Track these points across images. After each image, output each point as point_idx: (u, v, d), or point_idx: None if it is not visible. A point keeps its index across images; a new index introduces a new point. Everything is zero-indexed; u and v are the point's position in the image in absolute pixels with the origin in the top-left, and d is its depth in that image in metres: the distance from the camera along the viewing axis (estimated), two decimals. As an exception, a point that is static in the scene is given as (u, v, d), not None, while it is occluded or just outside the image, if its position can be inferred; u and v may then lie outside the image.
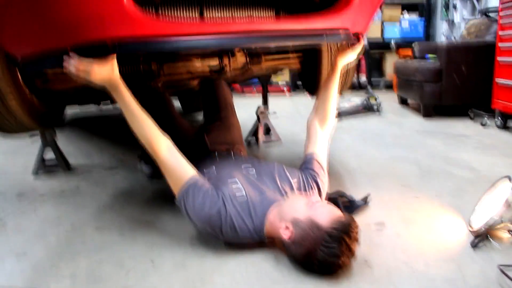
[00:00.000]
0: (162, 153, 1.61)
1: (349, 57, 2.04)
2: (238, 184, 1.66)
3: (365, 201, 2.05)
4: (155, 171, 2.39)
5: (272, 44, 2.20)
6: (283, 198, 1.67)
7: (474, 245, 1.64)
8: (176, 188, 1.62)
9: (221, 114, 2.41)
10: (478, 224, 1.74)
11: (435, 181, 2.41)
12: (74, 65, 1.45)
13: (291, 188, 1.76)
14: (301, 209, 1.50)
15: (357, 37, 1.95)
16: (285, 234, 1.48)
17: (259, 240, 1.59)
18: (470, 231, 1.76)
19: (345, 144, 3.35)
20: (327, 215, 1.44)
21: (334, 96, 2.04)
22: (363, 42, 2.01)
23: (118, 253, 1.64)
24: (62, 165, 2.76)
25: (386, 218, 1.90)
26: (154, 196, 2.25)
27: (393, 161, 2.85)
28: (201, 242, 1.69)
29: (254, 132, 3.49)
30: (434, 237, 1.73)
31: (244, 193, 1.62)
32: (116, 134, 4.04)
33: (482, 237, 1.68)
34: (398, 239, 1.71)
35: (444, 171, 2.59)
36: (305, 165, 1.90)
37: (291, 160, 2.90)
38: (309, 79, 2.81)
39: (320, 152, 1.94)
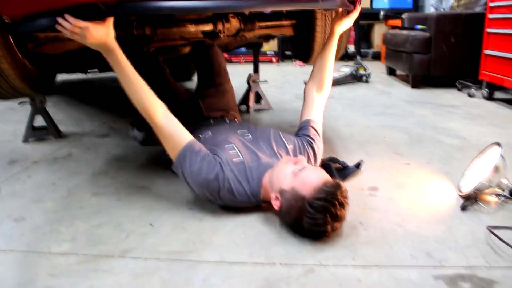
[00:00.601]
0: (158, 119, 1.61)
1: (346, 24, 2.04)
2: (235, 149, 1.69)
3: (358, 166, 2.10)
4: (148, 138, 2.41)
5: (268, 9, 2.19)
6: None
7: (464, 208, 1.70)
8: (173, 154, 1.64)
9: (216, 80, 2.41)
10: (467, 188, 1.79)
11: (425, 149, 2.46)
12: (69, 27, 1.41)
13: (287, 153, 1.80)
14: (287, 179, 1.50)
15: (353, 2, 1.96)
16: (275, 205, 1.53)
17: (256, 204, 1.63)
18: (459, 195, 1.82)
19: (337, 112, 3.38)
20: (310, 184, 1.44)
21: (331, 63, 2.05)
22: (360, 8, 2.01)
23: (116, 217, 1.66)
24: (53, 132, 2.75)
25: (379, 184, 1.95)
26: (148, 163, 2.27)
27: (383, 129, 2.90)
28: (198, 205, 1.73)
29: (245, 100, 3.50)
30: (425, 201, 1.79)
31: (241, 158, 1.66)
32: (106, 101, 4.01)
33: (471, 201, 1.74)
34: (391, 203, 1.77)
35: (433, 139, 2.65)
36: (301, 131, 1.94)
37: (283, 128, 2.93)
38: (302, 47, 2.82)
39: (316, 119, 1.97)
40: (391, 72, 5.59)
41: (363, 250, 1.42)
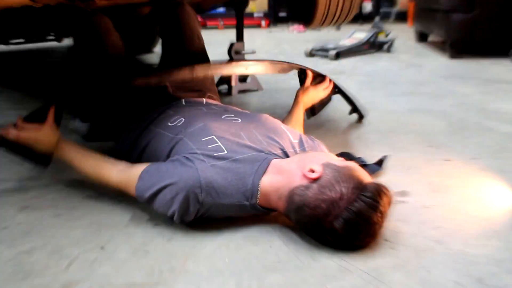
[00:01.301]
0: (114, 178, 1.81)
1: (312, 95, 2.46)
2: (217, 142, 1.71)
3: (380, 164, 2.11)
4: (94, 131, 2.40)
5: None
6: (288, 154, 1.77)
7: (525, 218, 1.71)
8: (132, 188, 1.73)
9: (187, 50, 2.41)
10: (529, 191, 1.81)
11: (470, 140, 2.48)
12: (15, 134, 1.85)
13: (293, 148, 1.83)
14: (337, 160, 1.60)
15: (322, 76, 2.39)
16: (310, 175, 1.54)
17: (249, 209, 1.64)
18: (518, 200, 1.83)
19: (351, 92, 3.39)
20: (366, 175, 1.56)
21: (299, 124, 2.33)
22: (331, 85, 2.49)
23: (54, 239, 1.65)
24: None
25: (410, 187, 1.96)
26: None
27: (413, 114, 2.91)
28: (166, 220, 1.72)
29: (226, 78, 3.49)
30: (472, 209, 1.80)
31: (225, 151, 1.68)
32: (38, 82, 3.97)
33: (535, 208, 1.75)
34: (426, 213, 1.78)
35: (481, 127, 2.67)
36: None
37: (277, 114, 2.91)
38: (301, 4, 2.82)
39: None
40: (421, 37, 5.63)
41: (391, 276, 1.42)
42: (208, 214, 1.65)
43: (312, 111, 2.52)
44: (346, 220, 1.45)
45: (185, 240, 1.62)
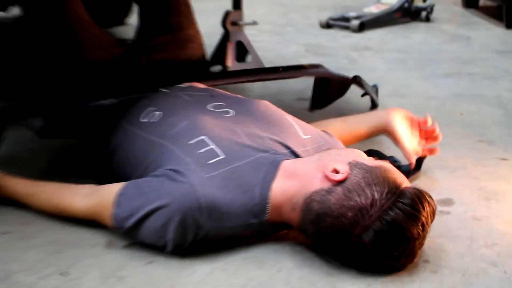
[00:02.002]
0: (80, 205, 1.78)
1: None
2: (210, 146, 1.69)
3: (418, 165, 2.11)
4: (49, 127, 2.40)
5: None
6: (297, 154, 1.75)
7: None
8: (106, 217, 1.69)
9: (171, 20, 2.40)
10: None
11: (534, 132, 2.49)
12: None
13: (303, 145, 1.82)
14: (366, 160, 1.61)
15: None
16: (333, 176, 1.54)
17: (257, 227, 1.63)
18: None
19: (377, 73, 3.40)
20: (405, 178, 1.57)
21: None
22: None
23: (2, 264, 1.64)
24: None
25: (456, 194, 1.97)
26: (53, 167, 2.27)
27: (458, 101, 2.91)
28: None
29: (220, 56, 3.50)
30: (537, 222, 1.80)
31: (221, 155, 1.66)
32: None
33: None
34: (477, 226, 1.78)
35: (548, 115, 2.67)
36: None
37: (284, 102, 2.93)
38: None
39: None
40: (470, 1, 5.62)
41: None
42: (206, 238, 1.63)
43: (320, 102, 2.52)
44: (378, 232, 1.45)
45: (169, 263, 1.61)
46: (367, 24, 5.01)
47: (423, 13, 5.14)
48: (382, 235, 1.44)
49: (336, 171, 1.54)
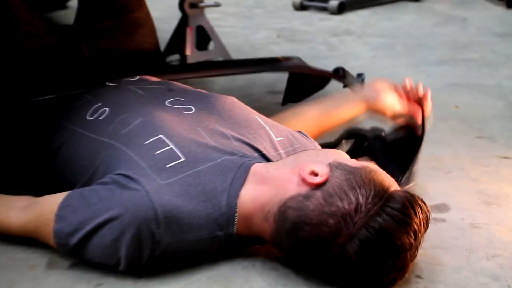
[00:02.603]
0: (17, 220, 1.73)
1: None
2: (169, 145, 1.68)
3: (423, 130, 2.16)
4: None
5: None
6: (268, 159, 1.74)
7: None
8: (47, 234, 1.65)
9: (117, 2, 2.39)
10: None
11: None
12: None
13: (275, 149, 1.82)
14: (349, 160, 1.60)
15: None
16: (312, 179, 1.52)
17: (224, 242, 1.62)
18: None
19: (360, 62, 3.41)
20: (393, 181, 1.57)
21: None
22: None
23: None
24: None
25: (452, 198, 1.98)
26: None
27: (455, 92, 2.93)
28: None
29: (177, 44, 3.49)
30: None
31: (182, 157, 1.65)
32: None
33: None
34: (476, 235, 1.79)
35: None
36: None
37: (254, 96, 2.94)
38: None
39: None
40: (465, -22, 5.67)
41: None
42: (165, 254, 1.62)
43: (295, 97, 2.53)
44: (363, 242, 1.43)
45: (122, 284, 1.60)
46: (347, 4, 5.03)
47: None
48: (368, 244, 1.43)
49: (315, 173, 1.53)
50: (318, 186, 1.50)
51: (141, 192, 1.55)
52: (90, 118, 1.86)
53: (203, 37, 3.53)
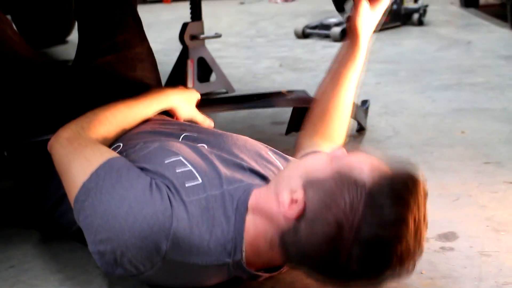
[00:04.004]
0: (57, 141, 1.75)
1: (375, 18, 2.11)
2: (188, 167, 1.69)
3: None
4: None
5: None
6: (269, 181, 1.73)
7: None
8: (79, 177, 1.63)
9: (118, 37, 2.41)
10: None
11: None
12: None
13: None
14: (318, 167, 1.56)
15: None
16: (291, 212, 1.51)
17: (232, 270, 1.61)
18: None
19: (364, 89, 3.40)
20: (367, 164, 1.50)
21: (348, 101, 2.14)
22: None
23: None
24: None
25: (460, 226, 1.98)
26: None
27: (461, 117, 2.93)
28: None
29: (178, 76, 3.50)
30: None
31: (200, 180, 1.66)
32: None
33: None
34: (486, 263, 1.79)
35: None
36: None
37: (258, 128, 2.94)
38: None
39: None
40: (469, 0, 5.68)
41: None
42: (168, 271, 1.61)
43: (298, 126, 2.53)
44: (360, 258, 1.43)
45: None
46: (350, 31, 5.03)
47: (415, 16, 5.20)
48: (366, 259, 1.43)
49: (294, 201, 1.51)
50: (300, 217, 1.49)
51: (166, 203, 1.56)
52: None
53: (205, 69, 3.55)
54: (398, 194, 1.40)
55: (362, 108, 2.75)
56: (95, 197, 1.57)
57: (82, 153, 1.67)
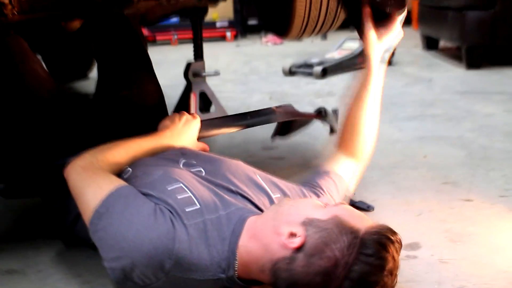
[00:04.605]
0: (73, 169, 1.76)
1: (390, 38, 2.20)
2: (187, 191, 1.69)
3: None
4: (11, 187, 2.39)
5: None
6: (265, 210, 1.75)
7: None
8: (89, 210, 1.65)
9: (131, 75, 2.42)
10: None
11: (497, 173, 2.52)
12: None
13: (271, 202, 1.82)
14: (317, 210, 1.58)
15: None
16: (291, 243, 1.52)
17: (226, 283, 1.62)
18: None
19: (341, 119, 3.42)
20: (361, 218, 1.55)
21: (372, 118, 2.17)
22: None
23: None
24: None
25: (422, 237, 1.98)
26: (18, 229, 2.26)
27: (423, 143, 2.95)
28: None
29: (182, 108, 3.50)
30: (502, 261, 1.82)
31: (198, 205, 1.66)
32: None
33: None
34: (444, 269, 1.79)
35: (509, 155, 2.72)
36: (305, 179, 2.02)
37: (252, 154, 2.95)
38: (274, 9, 2.86)
39: (341, 175, 2.06)
40: (430, 44, 5.72)
41: None
42: (171, 284, 1.61)
43: (283, 133, 2.53)
44: (360, 271, 1.44)
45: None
46: (329, 70, 5.06)
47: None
48: (373, 264, 1.44)
49: (293, 235, 1.53)
50: (299, 249, 1.50)
51: (168, 219, 1.58)
52: None
53: (205, 101, 3.55)
54: (383, 244, 1.45)
55: (334, 114, 2.76)
56: (107, 221, 1.59)
57: (95, 181, 1.69)
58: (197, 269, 1.58)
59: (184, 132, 2.05)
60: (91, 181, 1.70)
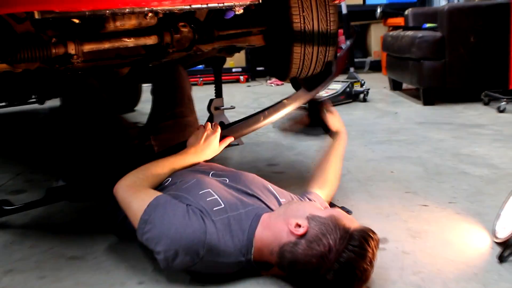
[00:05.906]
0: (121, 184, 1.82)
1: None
2: (214, 195, 1.74)
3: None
4: (76, 192, 2.39)
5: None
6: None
7: (502, 259, 1.73)
8: (137, 216, 1.69)
9: (177, 110, 2.50)
10: (505, 232, 1.83)
11: (447, 184, 2.52)
12: None
13: (280, 205, 1.86)
14: (318, 210, 1.65)
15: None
16: (297, 231, 1.58)
17: (245, 265, 1.65)
18: (495, 242, 1.85)
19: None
20: (353, 220, 1.62)
21: (338, 165, 2.25)
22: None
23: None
24: None
25: (388, 233, 1.99)
26: (80, 225, 2.26)
27: (390, 161, 2.95)
28: (153, 278, 1.73)
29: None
30: (451, 253, 1.82)
31: (223, 205, 1.71)
32: (20, 145, 3.97)
33: (511, 249, 1.77)
34: (406, 258, 1.80)
35: (456, 171, 2.71)
36: (299, 195, 2.06)
37: (258, 167, 2.95)
38: (276, 59, 2.87)
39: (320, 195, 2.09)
40: (395, 86, 5.72)
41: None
42: (204, 271, 1.68)
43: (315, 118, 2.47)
44: (337, 272, 1.49)
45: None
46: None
47: (361, 96, 5.20)
48: (341, 273, 1.49)
49: (299, 225, 1.57)
50: (302, 236, 1.55)
51: (199, 216, 1.63)
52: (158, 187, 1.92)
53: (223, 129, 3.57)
54: (366, 239, 1.52)
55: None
56: (151, 225, 1.64)
57: (138, 197, 1.75)
58: (224, 254, 1.63)
59: (206, 148, 2.06)
60: (135, 196, 1.76)
